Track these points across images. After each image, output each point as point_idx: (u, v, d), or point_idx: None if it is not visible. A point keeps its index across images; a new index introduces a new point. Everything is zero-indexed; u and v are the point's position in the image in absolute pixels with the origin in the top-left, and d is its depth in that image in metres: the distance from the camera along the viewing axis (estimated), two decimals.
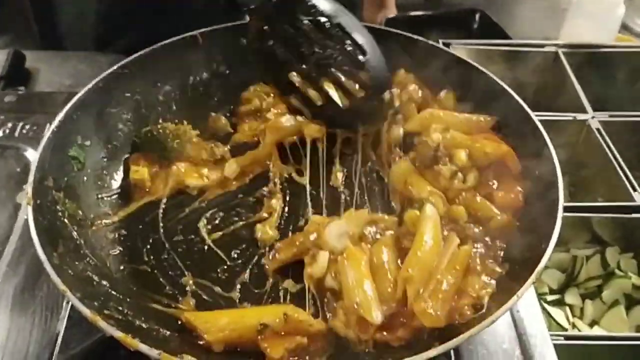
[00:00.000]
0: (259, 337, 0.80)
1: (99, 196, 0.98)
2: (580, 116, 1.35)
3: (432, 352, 0.72)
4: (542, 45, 1.51)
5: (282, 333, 0.80)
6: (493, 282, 0.86)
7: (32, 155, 1.17)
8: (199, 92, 1.15)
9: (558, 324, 1.14)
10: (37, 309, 0.93)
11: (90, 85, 1.01)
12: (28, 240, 0.99)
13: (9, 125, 1.23)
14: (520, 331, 0.94)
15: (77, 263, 0.84)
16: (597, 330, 1.15)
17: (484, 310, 0.82)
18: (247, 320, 0.82)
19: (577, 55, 1.50)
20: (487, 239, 0.92)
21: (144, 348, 0.70)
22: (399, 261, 0.88)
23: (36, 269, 0.98)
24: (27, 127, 1.23)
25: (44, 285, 0.96)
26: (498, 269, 0.88)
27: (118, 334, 0.72)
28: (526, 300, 0.99)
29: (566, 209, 1.05)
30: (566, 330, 1.13)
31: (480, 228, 0.93)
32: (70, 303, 0.92)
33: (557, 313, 1.16)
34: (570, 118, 1.35)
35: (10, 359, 0.88)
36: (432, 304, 0.81)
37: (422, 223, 0.90)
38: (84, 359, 0.85)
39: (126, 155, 1.04)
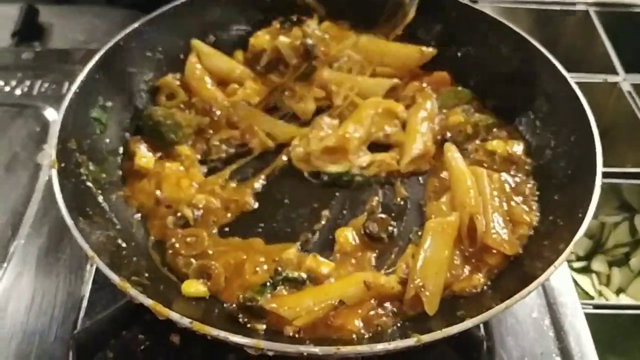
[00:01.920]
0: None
1: (122, 160, 0.97)
2: (611, 78, 1.31)
3: (468, 324, 0.70)
4: (573, 4, 1.47)
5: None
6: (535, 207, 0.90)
7: (51, 114, 1.15)
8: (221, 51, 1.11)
9: (584, 291, 1.13)
10: (61, 272, 0.93)
11: (111, 44, 0.98)
12: (50, 202, 0.99)
13: (27, 83, 1.21)
14: (550, 300, 0.93)
15: (102, 227, 0.83)
16: (623, 298, 1.14)
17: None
18: (330, 297, 0.79)
19: (609, 14, 1.45)
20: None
21: (175, 316, 0.69)
22: None
23: (59, 230, 0.97)
24: (46, 85, 1.21)
25: (67, 247, 0.95)
26: (534, 203, 0.91)
27: (148, 302, 0.70)
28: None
29: None
30: (592, 298, 1.12)
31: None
32: (95, 266, 0.92)
33: (583, 280, 1.14)
34: (601, 80, 1.31)
35: (36, 322, 0.87)
36: (503, 230, 0.84)
37: (453, 161, 0.92)
38: (110, 323, 0.83)
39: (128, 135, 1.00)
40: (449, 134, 1.02)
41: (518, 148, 0.97)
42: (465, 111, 1.03)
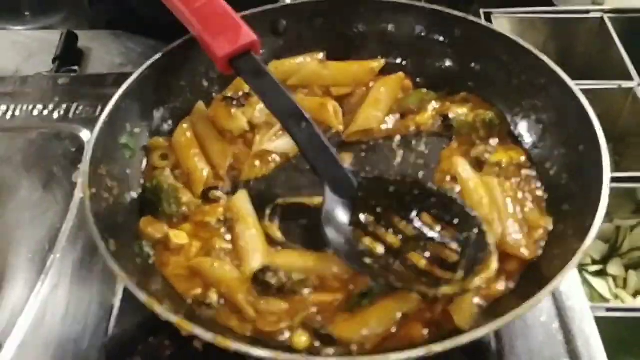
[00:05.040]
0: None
1: None
2: (626, 84, 1.32)
3: (479, 332, 0.72)
4: (587, 12, 1.48)
5: None
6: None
7: (86, 135, 1.21)
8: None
9: (600, 295, 1.14)
10: (94, 283, 0.98)
11: (136, 75, 1.01)
12: (84, 219, 1.03)
13: (64, 107, 1.28)
14: (559, 304, 0.94)
15: (132, 249, 0.88)
16: None
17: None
18: (391, 315, 0.81)
19: (624, 20, 1.46)
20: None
21: (199, 332, 0.73)
22: None
23: (93, 245, 0.97)
24: (80, 108, 1.28)
25: (99, 261, 1.00)
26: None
27: (173, 319, 0.74)
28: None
29: (610, 180, 1.04)
30: (608, 301, 1.14)
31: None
32: None
33: (599, 284, 1.16)
34: (615, 86, 1.32)
35: (71, 331, 0.93)
36: (519, 235, 0.86)
37: (464, 174, 0.94)
38: (138, 330, 0.89)
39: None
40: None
41: (522, 158, 0.99)
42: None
